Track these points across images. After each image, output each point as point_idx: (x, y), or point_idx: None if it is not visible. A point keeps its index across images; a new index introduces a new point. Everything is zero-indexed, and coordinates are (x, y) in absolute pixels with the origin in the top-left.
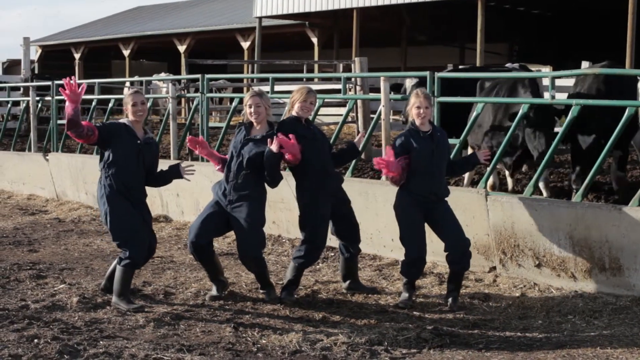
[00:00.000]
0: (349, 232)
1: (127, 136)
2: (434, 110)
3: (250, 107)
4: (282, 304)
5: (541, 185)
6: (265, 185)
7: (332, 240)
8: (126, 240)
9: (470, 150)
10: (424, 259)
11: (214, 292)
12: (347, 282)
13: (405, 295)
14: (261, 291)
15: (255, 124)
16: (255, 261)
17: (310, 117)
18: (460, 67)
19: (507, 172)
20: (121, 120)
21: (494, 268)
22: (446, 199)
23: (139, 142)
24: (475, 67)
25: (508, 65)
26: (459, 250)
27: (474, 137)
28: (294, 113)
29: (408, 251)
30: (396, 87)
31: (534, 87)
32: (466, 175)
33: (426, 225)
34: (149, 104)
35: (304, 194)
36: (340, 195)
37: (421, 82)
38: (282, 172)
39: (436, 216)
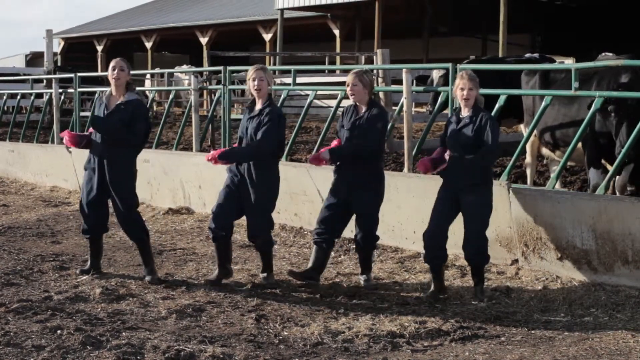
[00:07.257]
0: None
1: (99, 110)
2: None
3: (253, 80)
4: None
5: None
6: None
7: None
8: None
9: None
10: (435, 246)
11: (213, 276)
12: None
13: (431, 289)
14: (260, 275)
15: (257, 98)
16: (265, 242)
17: (358, 100)
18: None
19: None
20: (103, 92)
21: (516, 261)
22: (481, 189)
23: (105, 112)
24: (491, 59)
25: (527, 55)
26: (471, 249)
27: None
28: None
29: (424, 236)
30: (422, 79)
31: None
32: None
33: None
34: (171, 96)
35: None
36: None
37: (448, 74)
38: (304, 165)
39: (464, 206)
